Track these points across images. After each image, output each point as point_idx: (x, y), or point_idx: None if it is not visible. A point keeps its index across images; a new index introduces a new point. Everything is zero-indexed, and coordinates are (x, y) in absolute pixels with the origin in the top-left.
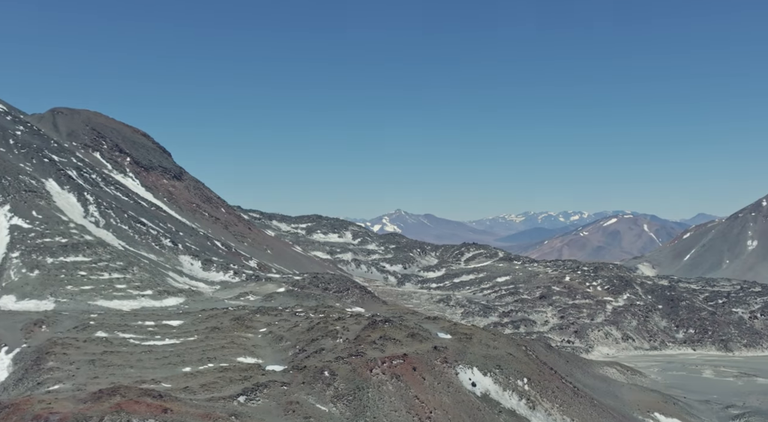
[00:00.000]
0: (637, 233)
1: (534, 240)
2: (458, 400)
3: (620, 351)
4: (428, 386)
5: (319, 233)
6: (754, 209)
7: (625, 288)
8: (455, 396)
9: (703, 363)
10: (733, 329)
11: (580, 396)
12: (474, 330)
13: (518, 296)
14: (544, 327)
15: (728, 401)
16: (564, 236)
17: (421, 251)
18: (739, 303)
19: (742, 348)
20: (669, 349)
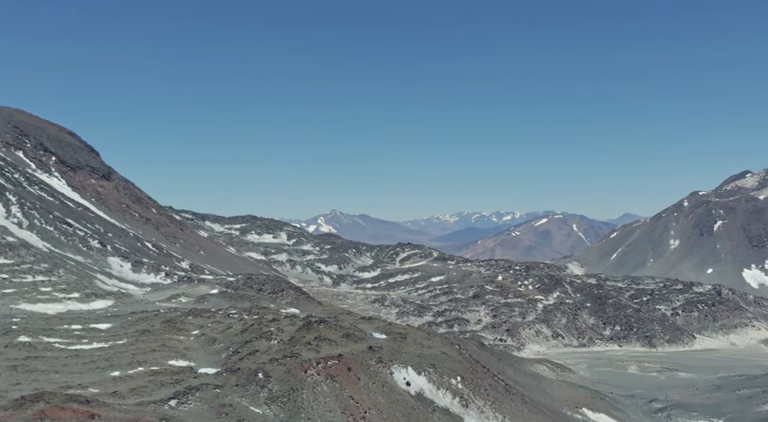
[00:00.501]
0: (566, 232)
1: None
2: (393, 400)
3: (550, 349)
4: (363, 386)
5: (253, 233)
6: (676, 210)
7: (555, 287)
8: (390, 396)
9: (629, 359)
10: (656, 325)
11: (511, 394)
12: (409, 329)
13: (452, 295)
14: (477, 326)
15: (652, 395)
16: (497, 236)
17: (356, 252)
18: (662, 301)
19: (664, 344)
20: (597, 346)
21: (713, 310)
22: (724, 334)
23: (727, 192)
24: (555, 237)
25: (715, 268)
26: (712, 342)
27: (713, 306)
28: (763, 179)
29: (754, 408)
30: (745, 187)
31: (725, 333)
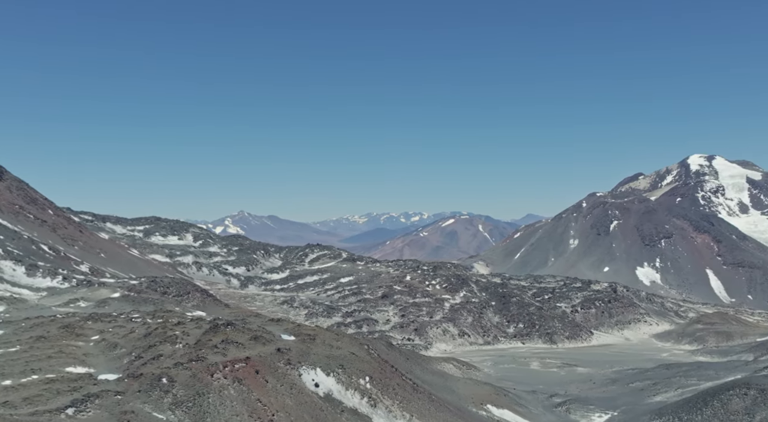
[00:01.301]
0: (473, 233)
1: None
2: (301, 401)
3: (457, 347)
4: (271, 388)
5: (157, 235)
6: (576, 210)
7: (462, 286)
8: (298, 398)
9: (531, 356)
10: (557, 322)
11: (419, 392)
12: (318, 330)
13: (361, 296)
14: (385, 326)
15: (552, 390)
16: (405, 237)
17: (264, 253)
18: (562, 298)
19: (564, 340)
20: (501, 343)
21: (609, 307)
22: (619, 330)
23: (621, 193)
24: (462, 237)
25: (611, 266)
26: (608, 337)
27: (609, 303)
28: (654, 181)
29: (645, 400)
30: (638, 188)
31: (620, 329)
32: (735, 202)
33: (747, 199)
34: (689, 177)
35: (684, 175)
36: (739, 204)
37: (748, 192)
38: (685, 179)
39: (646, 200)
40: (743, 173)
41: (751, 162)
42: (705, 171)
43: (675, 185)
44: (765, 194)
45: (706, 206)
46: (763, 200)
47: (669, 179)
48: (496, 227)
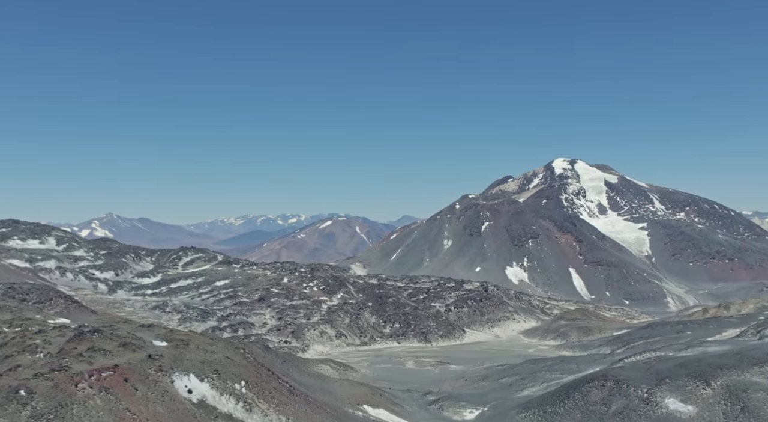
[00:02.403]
0: (350, 234)
1: (254, 243)
2: (173, 409)
3: (334, 349)
4: (141, 396)
5: (15, 239)
6: (449, 212)
7: (339, 288)
8: (170, 405)
9: (407, 355)
10: (431, 322)
11: (295, 395)
12: (191, 335)
13: (237, 299)
14: (262, 329)
15: (427, 388)
16: (283, 239)
17: (135, 257)
18: (437, 298)
19: (439, 339)
20: (377, 344)
21: (481, 305)
22: (490, 327)
23: (492, 195)
24: (339, 239)
25: (483, 266)
26: (480, 335)
27: (481, 302)
28: (522, 183)
29: (513, 395)
30: (508, 191)
31: (491, 327)
32: (595, 204)
33: (605, 201)
34: (554, 180)
35: (549, 178)
36: (599, 206)
37: (606, 194)
38: (550, 181)
39: (515, 201)
40: (602, 177)
41: (609, 166)
42: (568, 174)
43: (541, 187)
44: (621, 197)
45: (569, 208)
46: (619, 202)
47: (536, 182)
48: (373, 229)
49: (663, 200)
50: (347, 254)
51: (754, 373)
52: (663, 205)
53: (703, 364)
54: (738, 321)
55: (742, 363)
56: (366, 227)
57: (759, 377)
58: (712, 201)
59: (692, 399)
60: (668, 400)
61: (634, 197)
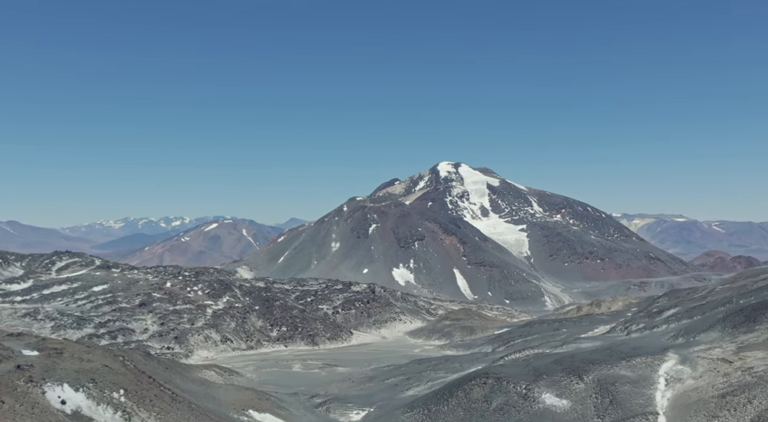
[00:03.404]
0: (236, 237)
1: (135, 247)
2: (44, 421)
3: (219, 353)
4: (8, 409)
5: None
6: (337, 214)
7: (225, 291)
8: (41, 417)
9: (294, 358)
10: (319, 324)
11: (178, 402)
12: (66, 343)
13: (117, 305)
14: (143, 335)
15: (313, 391)
16: (165, 242)
17: (2, 262)
18: (324, 300)
19: (326, 342)
20: (264, 348)
21: (368, 307)
22: (377, 328)
23: (379, 198)
24: (225, 242)
25: (370, 268)
26: (367, 336)
27: (368, 304)
28: (408, 186)
29: (399, 395)
30: (395, 193)
31: (378, 328)
32: (478, 206)
33: (488, 203)
34: (439, 183)
35: (435, 181)
36: (481, 208)
37: (489, 197)
38: (436, 184)
39: (401, 204)
40: (484, 180)
41: (491, 169)
42: (453, 177)
43: (427, 190)
44: (502, 199)
45: (454, 210)
46: (500, 204)
47: (422, 185)
48: (261, 231)
49: (541, 202)
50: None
51: (622, 367)
52: (541, 207)
53: (577, 360)
54: (608, 317)
55: (611, 358)
56: (253, 229)
57: (626, 370)
58: (586, 204)
59: (566, 394)
60: (545, 395)
61: (514, 199)
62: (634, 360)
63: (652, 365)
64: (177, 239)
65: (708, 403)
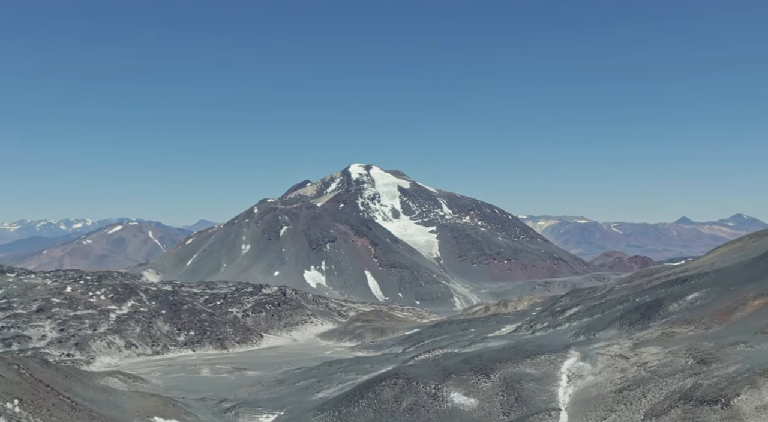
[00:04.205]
0: (142, 240)
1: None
2: None
3: (123, 360)
4: None
5: None
6: (248, 216)
7: (130, 296)
8: None
9: (202, 363)
10: (228, 328)
11: (78, 411)
12: None
13: (11, 311)
14: (41, 342)
15: (222, 395)
16: (66, 245)
17: None
18: (234, 303)
19: (236, 345)
20: (171, 352)
21: (279, 310)
22: (288, 331)
23: (291, 200)
24: (130, 245)
25: (281, 270)
26: (278, 339)
27: (279, 306)
28: (320, 188)
29: (310, 397)
30: (306, 195)
31: (289, 330)
32: (389, 208)
33: (399, 205)
34: (351, 185)
35: (346, 183)
36: (392, 210)
37: (400, 199)
38: (347, 186)
39: (313, 206)
40: (395, 182)
41: (402, 172)
42: (364, 179)
43: (339, 192)
44: (413, 201)
45: (365, 212)
46: (411, 206)
47: (333, 187)
48: (168, 234)
49: (450, 204)
50: (139, 260)
51: (527, 365)
52: (450, 209)
53: (484, 359)
54: (514, 317)
55: (517, 357)
56: (160, 232)
57: (531, 368)
58: (493, 206)
59: (474, 392)
60: (453, 394)
61: (424, 201)
62: (538, 357)
63: (555, 362)
64: (78, 242)
65: (606, 398)
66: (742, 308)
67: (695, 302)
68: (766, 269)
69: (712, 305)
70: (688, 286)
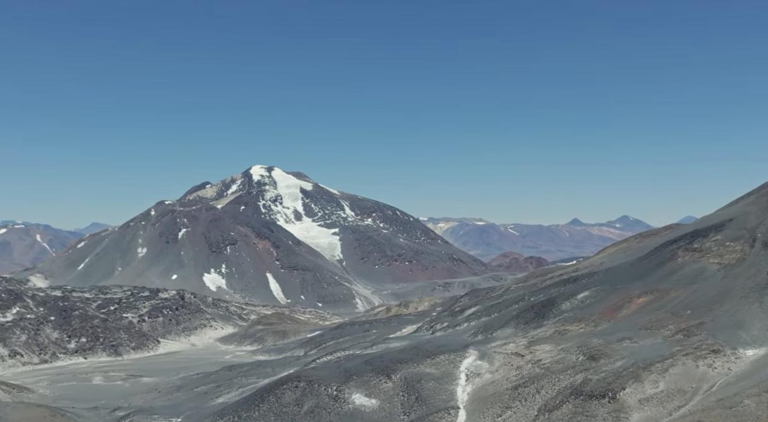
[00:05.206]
0: (29, 243)
1: None
2: None
3: (7, 369)
4: None
5: None
6: (144, 218)
7: (15, 302)
8: None
9: (94, 371)
10: (123, 334)
11: None
12: None
13: None
14: None
15: (116, 404)
16: None
17: None
18: (129, 308)
19: (131, 351)
20: (60, 361)
21: (177, 314)
22: (186, 336)
23: (190, 202)
24: (16, 249)
25: (180, 274)
26: (176, 344)
27: (177, 310)
28: (220, 189)
29: (209, 403)
30: (206, 197)
31: (187, 335)
32: (291, 210)
33: (301, 207)
34: (252, 187)
35: (248, 184)
36: (294, 212)
37: (302, 201)
38: (249, 188)
39: (213, 208)
40: (298, 184)
41: (304, 174)
42: (266, 181)
43: (240, 194)
44: (315, 203)
45: (267, 214)
46: (314, 208)
47: (234, 188)
48: (58, 237)
49: (353, 206)
50: (26, 264)
51: (427, 365)
52: (353, 211)
53: (386, 359)
54: (415, 317)
55: (417, 357)
56: (48, 234)
57: (431, 368)
58: (395, 208)
59: (375, 393)
60: (355, 396)
61: (327, 203)
62: (438, 357)
63: (454, 361)
64: None
65: (503, 395)
66: (627, 305)
67: (585, 300)
68: (650, 268)
69: (601, 303)
70: (579, 285)
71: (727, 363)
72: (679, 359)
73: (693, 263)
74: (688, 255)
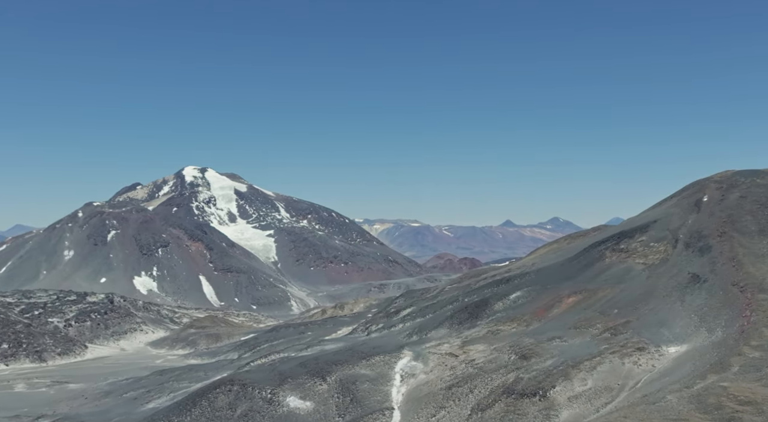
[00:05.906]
0: None
1: None
2: None
3: None
4: None
5: None
6: (71, 220)
7: None
8: None
9: (16, 378)
10: (48, 339)
11: None
12: None
13: None
14: None
15: (39, 412)
16: None
17: None
18: (55, 313)
19: (56, 357)
20: None
21: (106, 318)
22: (116, 340)
23: (120, 203)
24: None
25: (109, 276)
26: (104, 349)
27: (106, 315)
28: (152, 191)
29: (139, 409)
30: (137, 198)
31: (116, 340)
32: (225, 212)
33: (235, 209)
34: (185, 188)
35: (180, 186)
36: (229, 214)
37: (236, 203)
38: (181, 189)
39: (144, 209)
40: (232, 185)
41: (239, 175)
42: (199, 182)
43: (172, 195)
44: (250, 205)
45: (200, 216)
46: (248, 210)
47: (166, 190)
48: None
49: (288, 208)
50: None
51: (362, 366)
52: (288, 213)
53: (321, 362)
54: (351, 319)
55: (352, 358)
56: None
57: (366, 369)
58: (331, 209)
59: (310, 395)
60: (289, 398)
61: (262, 205)
62: (373, 358)
63: (389, 363)
64: None
65: (437, 395)
66: (558, 305)
67: (518, 300)
68: (579, 268)
69: (533, 303)
70: (511, 285)
71: (651, 360)
72: (607, 357)
73: (620, 264)
74: (615, 256)
